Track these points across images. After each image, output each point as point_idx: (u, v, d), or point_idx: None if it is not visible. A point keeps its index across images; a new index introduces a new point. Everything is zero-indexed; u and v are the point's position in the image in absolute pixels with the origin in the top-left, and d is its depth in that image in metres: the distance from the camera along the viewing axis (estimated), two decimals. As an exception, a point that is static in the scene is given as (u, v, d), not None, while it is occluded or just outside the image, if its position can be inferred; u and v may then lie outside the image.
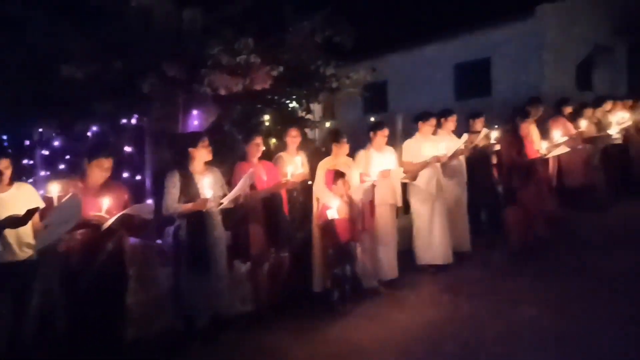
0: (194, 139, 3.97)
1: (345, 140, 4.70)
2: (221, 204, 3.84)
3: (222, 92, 5.42)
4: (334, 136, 4.80)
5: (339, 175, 4.54)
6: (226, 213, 4.04)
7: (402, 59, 12.73)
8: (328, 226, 4.45)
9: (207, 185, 3.75)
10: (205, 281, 3.82)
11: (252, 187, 4.21)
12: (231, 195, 3.82)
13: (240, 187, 3.83)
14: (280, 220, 4.42)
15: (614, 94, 9.15)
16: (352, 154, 4.90)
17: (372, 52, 11.74)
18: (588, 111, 6.90)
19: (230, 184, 4.21)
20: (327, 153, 4.92)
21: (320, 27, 6.25)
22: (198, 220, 3.80)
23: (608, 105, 7.28)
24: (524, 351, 3.42)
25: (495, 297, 4.44)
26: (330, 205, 4.41)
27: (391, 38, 12.97)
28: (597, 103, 7.24)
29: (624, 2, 12.25)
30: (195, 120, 5.56)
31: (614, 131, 6.86)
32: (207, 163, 4.00)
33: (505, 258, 5.44)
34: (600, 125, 6.89)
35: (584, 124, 6.56)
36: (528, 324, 3.81)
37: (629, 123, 7.05)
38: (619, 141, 7.14)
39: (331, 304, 4.44)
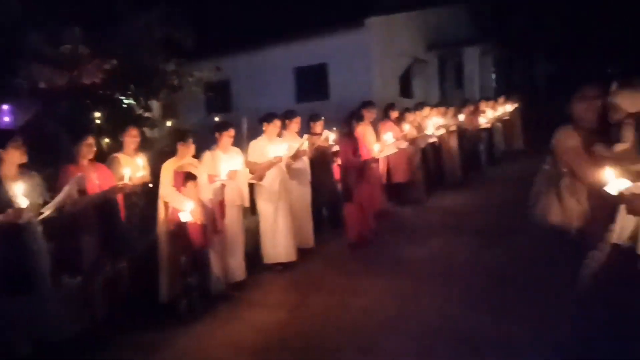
0: (2, 138, 3.42)
1: (191, 140, 4.53)
2: (42, 213, 3.38)
3: (43, 85, 4.78)
4: (180, 136, 4.59)
5: (189, 177, 4.35)
6: (49, 222, 3.56)
7: (245, 59, 12.79)
8: (180, 231, 4.23)
9: (21, 192, 3.23)
10: (26, 302, 3.33)
11: (83, 192, 3.80)
12: (54, 203, 3.38)
13: (66, 193, 3.43)
14: (116, 227, 4.07)
15: (429, 101, 10.55)
16: (196, 155, 4.75)
17: (216, 52, 11.57)
18: (410, 115, 7.84)
19: (55, 189, 3.73)
20: (170, 154, 4.68)
21: (157, 22, 5.92)
22: (12, 233, 3.26)
23: (426, 110, 8.38)
24: (366, 338, 3.71)
25: (338, 289, 4.73)
26: (183, 209, 4.20)
27: (235, 38, 12.93)
28: (417, 108, 8.26)
29: (434, 22, 14.19)
30: (6, 116, 4.79)
31: (431, 133, 7.92)
32: (22, 166, 3.48)
33: (345, 251, 5.85)
34: (420, 128, 7.87)
35: (407, 127, 7.42)
36: (367, 312, 4.16)
37: (443, 127, 8.23)
38: (434, 142, 8.26)
39: (179, 313, 4.24)
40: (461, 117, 9.15)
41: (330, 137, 6.18)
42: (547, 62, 18.33)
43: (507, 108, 11.27)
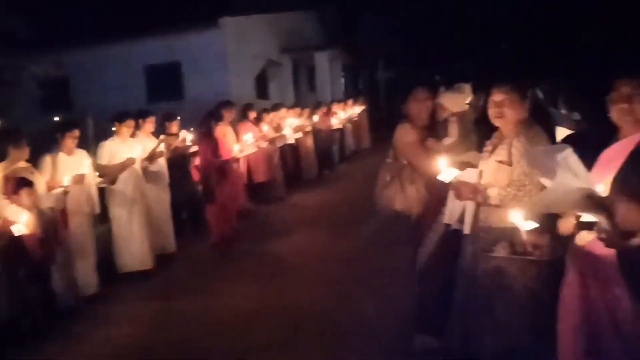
0: None
1: (24, 142, 4.04)
2: None
3: None
4: (11, 137, 4.07)
5: (22, 183, 3.87)
6: None
7: (87, 55, 11.69)
8: (15, 245, 3.74)
9: None
10: None
11: None
12: None
13: None
14: None
15: (285, 102, 10.91)
16: (30, 159, 4.24)
17: (55, 45, 10.38)
18: (268, 116, 8.05)
19: None
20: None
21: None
22: None
23: (283, 111, 8.67)
24: (232, 336, 3.74)
25: (201, 292, 4.65)
26: (16, 220, 3.72)
27: (76, 32, 11.72)
28: (274, 109, 8.50)
29: (288, 26, 14.68)
30: None
31: (288, 133, 8.22)
32: None
33: (208, 253, 5.77)
34: (278, 128, 8.11)
35: (266, 127, 7.60)
36: (232, 310, 4.18)
37: (299, 128, 8.60)
38: (292, 142, 8.59)
39: (22, 333, 3.79)
40: (315, 118, 9.66)
41: (187, 138, 6.04)
42: (386, 69, 20.28)
43: (355, 110, 12.21)
